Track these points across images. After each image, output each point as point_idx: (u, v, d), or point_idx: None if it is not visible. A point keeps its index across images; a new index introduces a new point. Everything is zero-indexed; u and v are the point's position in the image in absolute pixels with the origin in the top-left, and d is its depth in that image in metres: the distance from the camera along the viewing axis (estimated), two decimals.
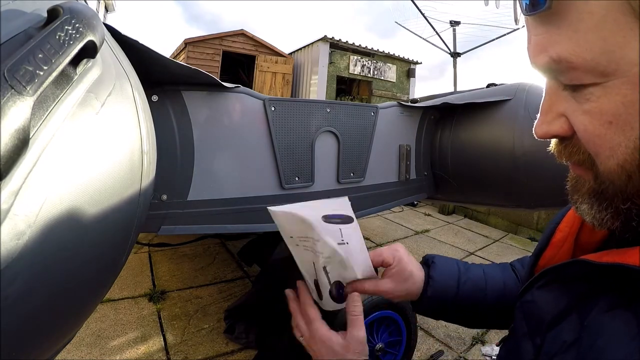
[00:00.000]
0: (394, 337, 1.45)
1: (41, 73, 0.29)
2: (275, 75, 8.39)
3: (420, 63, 9.81)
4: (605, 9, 0.22)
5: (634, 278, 0.25)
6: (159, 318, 1.86)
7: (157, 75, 0.87)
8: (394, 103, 1.54)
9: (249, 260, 2.09)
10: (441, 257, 0.57)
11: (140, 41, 0.65)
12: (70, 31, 0.33)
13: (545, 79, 0.29)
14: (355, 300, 0.48)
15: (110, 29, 0.58)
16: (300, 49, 9.11)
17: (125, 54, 0.56)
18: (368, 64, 8.88)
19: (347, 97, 9.68)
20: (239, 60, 9.00)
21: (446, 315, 0.55)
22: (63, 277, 0.36)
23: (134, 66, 0.56)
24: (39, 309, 0.34)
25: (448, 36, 6.59)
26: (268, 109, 1.13)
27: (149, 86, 0.88)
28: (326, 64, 8.32)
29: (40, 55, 0.29)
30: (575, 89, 0.26)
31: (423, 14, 6.38)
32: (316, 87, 8.33)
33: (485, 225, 4.09)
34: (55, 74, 0.31)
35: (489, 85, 1.69)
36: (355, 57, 8.68)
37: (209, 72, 0.90)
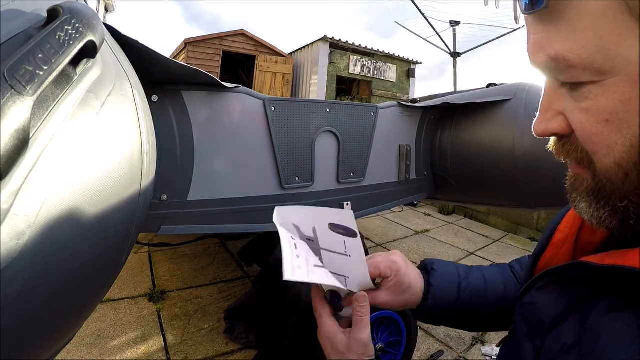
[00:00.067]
0: (394, 337, 1.45)
1: (41, 73, 0.29)
2: (275, 75, 8.38)
3: (420, 63, 9.81)
4: (602, 7, 0.22)
5: (634, 280, 0.25)
6: (159, 318, 1.86)
7: (157, 75, 0.87)
8: (394, 103, 1.54)
9: (249, 260, 2.09)
10: (440, 263, 0.56)
11: (140, 41, 0.65)
12: (70, 31, 0.33)
13: (545, 78, 0.29)
14: (362, 300, 0.47)
15: (110, 29, 0.58)
16: (300, 49, 9.11)
17: (125, 54, 0.56)
18: (368, 64, 8.88)
19: (347, 97, 9.68)
20: (239, 60, 8.99)
21: (447, 321, 0.55)
22: (63, 277, 0.36)
23: (134, 66, 0.56)
24: (39, 309, 0.34)
25: (448, 36, 6.60)
26: (268, 109, 1.13)
27: (149, 86, 0.88)
28: (326, 64, 8.31)
29: (40, 55, 0.29)
30: (574, 87, 0.26)
31: (423, 14, 6.39)
32: (316, 87, 8.33)
33: (485, 225, 4.09)
34: (55, 74, 0.31)
35: (489, 85, 1.69)
36: (355, 57, 8.68)
37: (209, 72, 0.90)
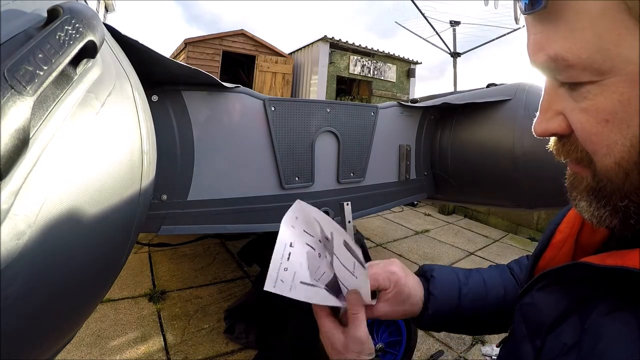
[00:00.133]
0: (394, 337, 1.45)
1: (41, 73, 0.29)
2: (275, 75, 8.38)
3: (420, 63, 9.81)
4: (600, 7, 0.22)
5: (634, 281, 0.25)
6: (159, 318, 1.86)
7: (157, 75, 0.87)
8: (394, 103, 1.54)
9: (249, 260, 2.08)
10: (440, 269, 0.55)
11: (140, 41, 0.65)
12: (70, 31, 0.33)
13: (544, 78, 0.29)
14: (354, 298, 0.46)
15: (110, 29, 0.58)
16: (300, 49, 9.11)
17: (125, 54, 0.56)
18: (368, 64, 8.88)
19: (347, 97, 9.68)
20: (239, 60, 8.99)
21: (448, 327, 0.55)
22: (63, 277, 0.36)
23: (134, 66, 0.56)
24: (39, 309, 0.34)
25: (448, 36, 6.60)
26: (268, 109, 1.13)
27: (149, 86, 0.88)
28: (326, 64, 8.31)
29: (40, 55, 0.29)
30: (573, 87, 0.26)
31: (423, 14, 6.39)
32: (316, 87, 8.33)
33: (485, 225, 4.09)
34: (55, 74, 0.31)
35: (489, 85, 1.69)
36: (355, 57, 8.68)
37: (209, 72, 0.90)
